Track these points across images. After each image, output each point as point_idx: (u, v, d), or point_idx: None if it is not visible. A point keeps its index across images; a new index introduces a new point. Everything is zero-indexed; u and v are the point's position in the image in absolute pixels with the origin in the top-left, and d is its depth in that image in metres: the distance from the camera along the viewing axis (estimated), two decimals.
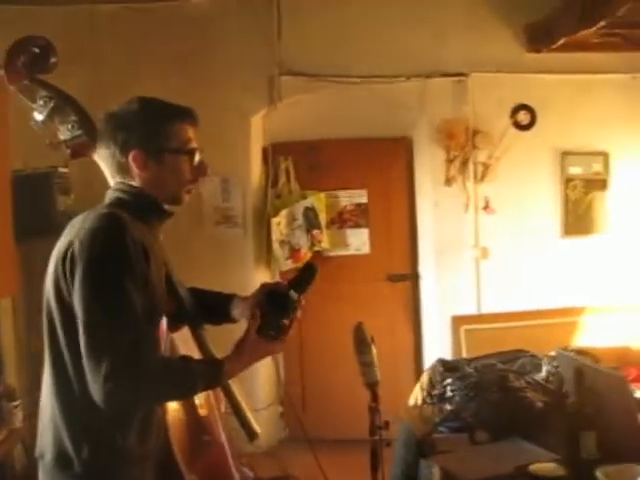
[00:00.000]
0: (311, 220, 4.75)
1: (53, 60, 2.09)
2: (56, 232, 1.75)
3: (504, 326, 4.67)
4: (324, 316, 4.61)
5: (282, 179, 4.82)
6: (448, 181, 4.72)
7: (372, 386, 1.95)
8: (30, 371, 3.65)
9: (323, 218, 4.81)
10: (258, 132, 4.78)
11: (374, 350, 1.97)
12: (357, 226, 4.92)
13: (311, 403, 4.79)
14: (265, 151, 4.85)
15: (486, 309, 4.76)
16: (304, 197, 4.80)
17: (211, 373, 1.71)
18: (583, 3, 3.92)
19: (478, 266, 4.78)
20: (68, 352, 1.61)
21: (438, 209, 4.76)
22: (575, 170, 4.84)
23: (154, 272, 1.66)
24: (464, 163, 4.70)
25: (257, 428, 1.98)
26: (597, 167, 4.86)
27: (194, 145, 1.79)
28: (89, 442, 1.62)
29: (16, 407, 3.41)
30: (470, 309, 4.78)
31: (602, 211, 4.87)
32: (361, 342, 1.98)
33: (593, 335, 4.78)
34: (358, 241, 4.92)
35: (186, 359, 1.70)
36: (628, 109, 4.85)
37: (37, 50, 2.05)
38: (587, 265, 4.86)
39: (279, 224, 4.72)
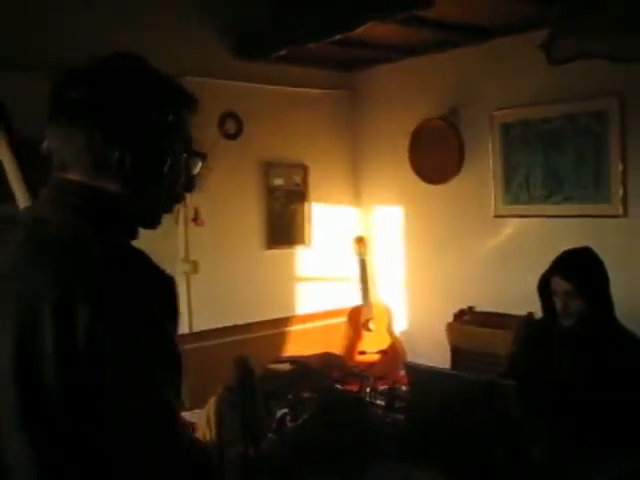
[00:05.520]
0: None
1: None
2: None
3: (217, 343, 4.49)
4: None
5: None
6: None
7: (256, 438, 1.60)
8: None
9: None
10: None
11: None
12: None
13: None
14: None
15: (200, 326, 4.50)
16: None
17: None
18: (310, 18, 3.96)
19: (189, 281, 4.51)
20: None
21: None
22: (278, 181, 4.87)
23: None
24: None
25: None
26: (297, 179, 4.96)
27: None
28: None
29: None
30: (182, 328, 4.47)
31: (302, 223, 4.99)
32: (243, 383, 1.61)
33: (300, 343, 4.89)
34: None
35: None
36: (322, 123, 5.06)
37: None
38: (291, 276, 4.94)
39: None
